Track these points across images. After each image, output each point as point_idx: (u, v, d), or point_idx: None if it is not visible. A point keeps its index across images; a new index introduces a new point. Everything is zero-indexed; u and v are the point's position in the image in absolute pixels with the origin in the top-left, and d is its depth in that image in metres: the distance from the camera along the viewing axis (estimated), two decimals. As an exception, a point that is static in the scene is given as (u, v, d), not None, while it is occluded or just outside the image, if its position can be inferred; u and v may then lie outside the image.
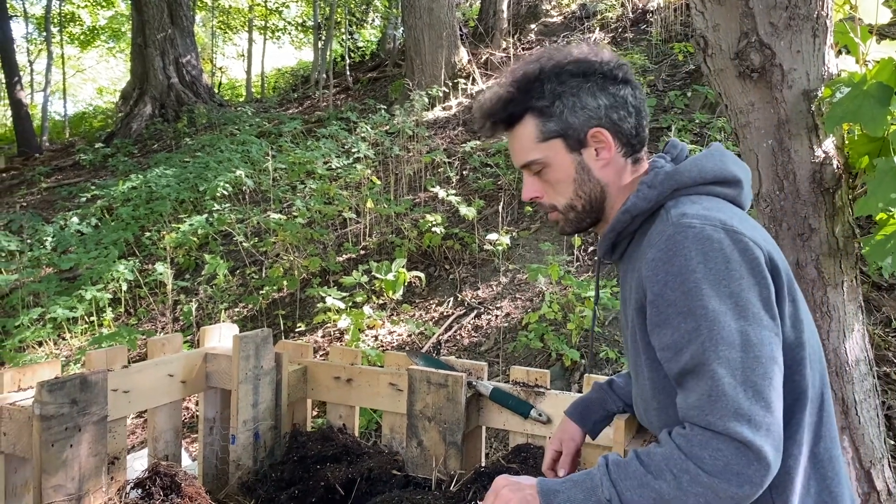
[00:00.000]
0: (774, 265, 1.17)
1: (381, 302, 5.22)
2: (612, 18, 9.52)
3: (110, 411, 2.00)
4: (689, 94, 6.66)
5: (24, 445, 1.82)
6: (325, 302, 4.95)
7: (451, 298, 5.08)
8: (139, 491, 2.08)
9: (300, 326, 5.25)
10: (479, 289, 5.06)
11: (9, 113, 14.56)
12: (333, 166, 7.42)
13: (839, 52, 2.09)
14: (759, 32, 1.94)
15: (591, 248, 5.08)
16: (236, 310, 5.78)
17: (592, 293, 3.78)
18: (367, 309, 4.93)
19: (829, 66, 1.99)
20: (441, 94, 8.87)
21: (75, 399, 1.85)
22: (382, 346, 4.74)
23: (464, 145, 7.19)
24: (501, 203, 5.73)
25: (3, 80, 14.51)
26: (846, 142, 2.02)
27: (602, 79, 1.30)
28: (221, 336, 2.55)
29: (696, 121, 6.05)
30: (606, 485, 1.12)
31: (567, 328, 3.97)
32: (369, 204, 6.04)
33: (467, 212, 5.38)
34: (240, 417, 2.32)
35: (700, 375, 1.09)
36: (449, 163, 6.81)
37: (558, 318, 4.10)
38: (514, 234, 5.45)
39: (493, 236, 5.06)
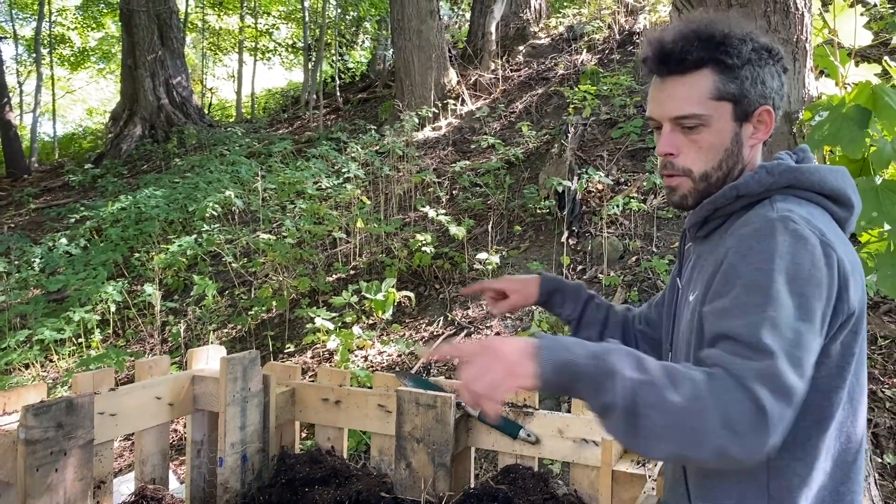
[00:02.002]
0: (849, 292, 1.15)
1: (371, 322, 5.21)
2: (599, 40, 9.63)
3: (97, 434, 1.99)
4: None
5: (8, 470, 1.80)
6: (314, 322, 4.94)
7: (442, 318, 5.08)
8: (125, 515, 2.07)
9: (289, 347, 5.23)
10: (469, 308, 5.06)
11: (-3, 134, 14.50)
12: (323, 186, 7.44)
13: (819, 75, 2.13)
14: (740, 56, 1.98)
15: (579, 267, 5.10)
16: (225, 331, 5.76)
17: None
18: (356, 329, 4.92)
19: (810, 89, 2.03)
20: (431, 115, 8.93)
21: (61, 423, 1.83)
22: (372, 366, 4.73)
23: (453, 165, 7.23)
24: (491, 222, 5.76)
25: (-7, 102, 14.49)
26: (827, 162, 2.05)
27: (780, 64, 1.28)
28: (209, 358, 2.54)
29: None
30: (620, 360, 1.05)
31: (556, 348, 3.97)
32: (359, 224, 6.05)
33: (457, 231, 5.40)
34: (227, 440, 2.31)
35: (750, 343, 1.06)
36: (439, 183, 6.84)
37: (548, 338, 4.11)
38: (503, 253, 5.47)
39: (482, 255, 5.07)
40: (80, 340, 5.93)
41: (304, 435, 3.92)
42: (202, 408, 2.41)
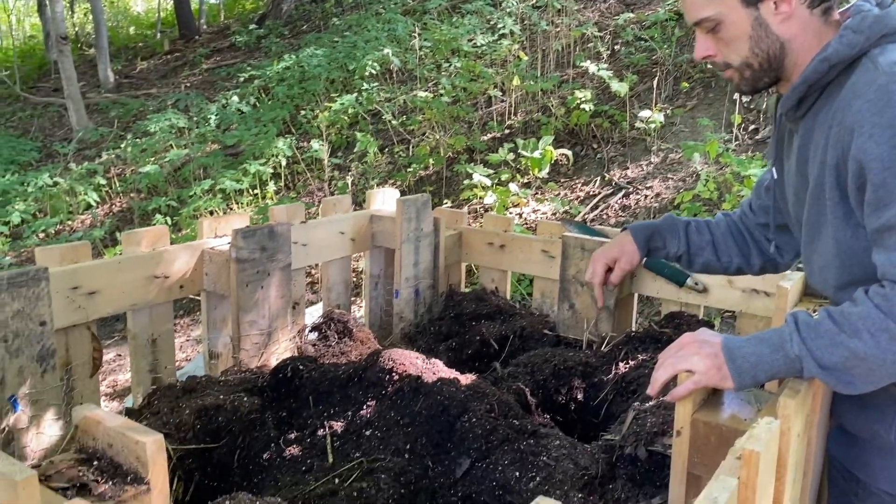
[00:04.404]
0: None
1: (525, 181, 5.25)
2: None
3: (292, 261, 2.21)
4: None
5: (222, 285, 2.06)
6: (471, 179, 5.05)
7: (599, 178, 5.02)
8: (316, 334, 2.32)
9: (447, 203, 5.40)
10: (628, 168, 4.96)
11: (170, -3, 15.29)
12: (478, 43, 7.32)
13: None
14: None
15: (751, 127, 4.80)
16: (386, 186, 6.02)
17: (752, 171, 3.62)
18: (512, 186, 4.98)
19: None
20: (592, -35, 8.38)
21: (264, 246, 2.05)
22: (527, 223, 4.81)
23: (616, 18, 6.84)
24: (656, 79, 5.47)
25: (164, -35, 15.18)
26: None
27: None
28: (385, 199, 2.70)
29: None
30: (796, 341, 1.13)
31: (722, 207, 3.84)
32: (515, 81, 5.96)
33: (618, 88, 5.19)
34: (403, 274, 2.49)
35: None
36: (600, 37, 6.53)
37: (713, 198, 3.97)
38: (668, 111, 5.22)
39: (645, 113, 4.89)
40: (255, 192, 6.42)
41: (466, 282, 4.13)
42: (380, 244, 2.60)
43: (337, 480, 1.52)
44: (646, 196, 4.58)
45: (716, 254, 1.66)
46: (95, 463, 1.10)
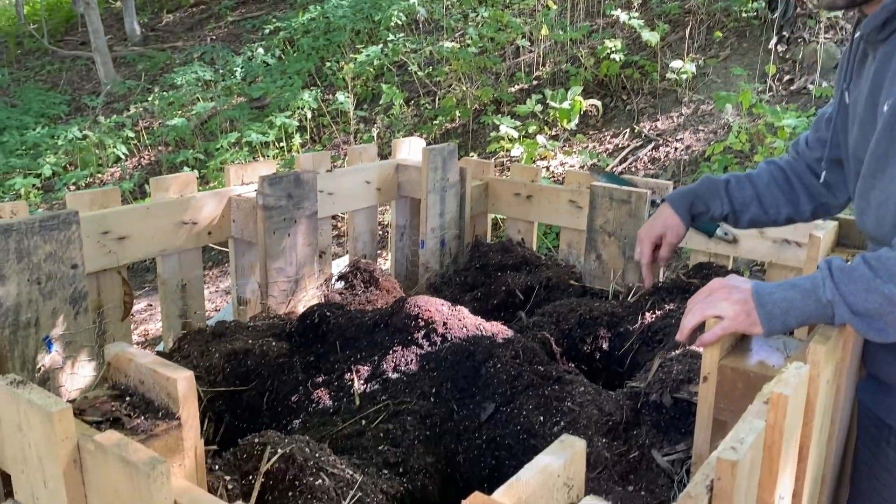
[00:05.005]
0: None
1: (553, 133, 5.18)
2: None
3: (318, 209, 2.21)
4: None
5: (250, 232, 2.07)
6: (498, 131, 4.99)
7: (628, 130, 4.94)
8: (343, 283, 2.33)
9: (473, 156, 5.36)
10: (658, 120, 4.86)
11: (194, -52, 15.11)
12: (507, -8, 7.17)
13: None
14: None
15: (786, 78, 4.66)
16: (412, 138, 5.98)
17: (787, 122, 3.53)
18: (539, 139, 4.92)
19: None
20: None
21: (291, 193, 2.05)
22: (554, 177, 4.76)
23: (648, -34, 6.65)
24: (688, 28, 5.32)
25: (188, -85, 14.97)
26: None
27: None
28: (411, 149, 2.68)
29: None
30: (829, 286, 1.10)
31: (754, 160, 3.76)
32: (543, 31, 5.83)
33: (649, 37, 5.06)
34: (428, 224, 2.48)
35: None
36: (631, -15, 6.35)
37: (745, 150, 3.89)
38: (700, 61, 5.09)
39: (676, 64, 4.77)
40: (281, 145, 6.42)
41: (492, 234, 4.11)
42: (405, 194, 2.59)
43: (364, 422, 1.54)
44: (676, 148, 4.50)
45: (762, 207, 1.60)
46: (128, 399, 1.12)
